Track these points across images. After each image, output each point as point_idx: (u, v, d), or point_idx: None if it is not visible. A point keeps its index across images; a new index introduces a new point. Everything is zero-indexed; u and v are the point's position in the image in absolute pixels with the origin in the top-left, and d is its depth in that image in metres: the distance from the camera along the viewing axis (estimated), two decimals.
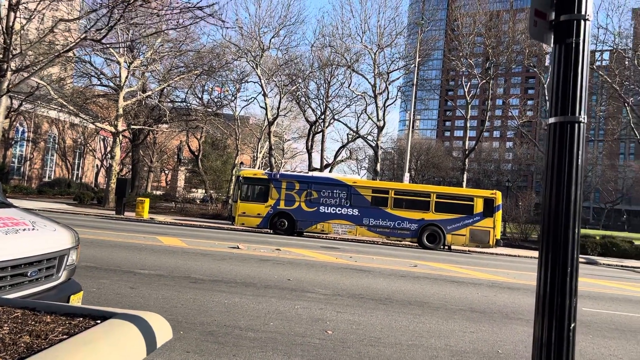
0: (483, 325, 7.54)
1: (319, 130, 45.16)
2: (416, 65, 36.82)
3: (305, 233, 24.78)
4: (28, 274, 3.98)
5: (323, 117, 43.75)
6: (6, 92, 18.58)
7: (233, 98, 45.29)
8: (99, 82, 37.62)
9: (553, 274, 2.17)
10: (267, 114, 39.29)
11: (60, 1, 21.63)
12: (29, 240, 4.13)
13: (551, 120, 2.27)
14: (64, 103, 32.35)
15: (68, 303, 4.34)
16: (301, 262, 13.07)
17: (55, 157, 48.29)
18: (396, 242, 24.76)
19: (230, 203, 30.10)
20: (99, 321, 2.18)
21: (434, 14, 61.74)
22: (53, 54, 19.75)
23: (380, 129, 40.75)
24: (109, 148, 41.97)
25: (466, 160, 42.46)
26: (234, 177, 33.41)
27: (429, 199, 23.59)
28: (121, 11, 17.45)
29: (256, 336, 5.86)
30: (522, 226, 32.54)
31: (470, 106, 41.61)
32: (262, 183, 24.61)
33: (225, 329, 6.04)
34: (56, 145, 48.00)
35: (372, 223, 23.65)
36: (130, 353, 1.97)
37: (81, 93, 37.00)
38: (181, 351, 5.08)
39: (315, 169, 41.20)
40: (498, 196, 23.47)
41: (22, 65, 19.83)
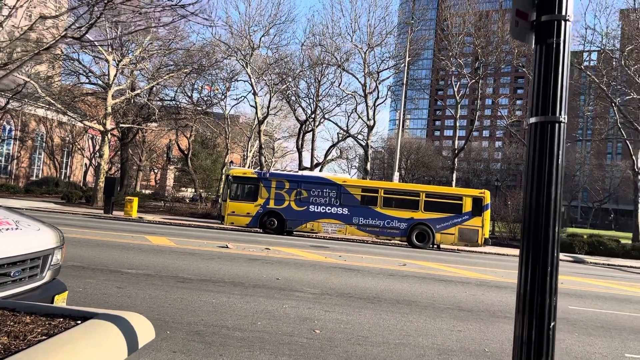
0: (470, 323, 7.58)
1: (310, 129, 45.14)
2: (406, 64, 36.92)
3: (295, 232, 24.77)
4: (11, 274, 3.94)
5: (313, 116, 43.74)
6: None
7: (223, 97, 45.16)
8: (88, 80, 37.32)
9: (533, 273, 2.19)
10: (257, 113, 39.21)
11: None
12: (12, 239, 4.08)
13: (532, 120, 2.28)
14: (52, 101, 32.05)
15: (52, 303, 4.31)
16: (290, 262, 13.06)
17: (43, 156, 47.84)
18: (386, 241, 24.83)
19: (219, 202, 30.00)
20: (80, 322, 2.16)
21: (424, 14, 61.92)
22: (33, 52, 19.54)
23: (370, 128, 40.81)
24: (98, 147, 41.62)
25: (456, 159, 42.66)
26: (224, 176, 33.32)
27: (419, 198, 23.68)
28: (101, 8, 17.27)
29: (243, 336, 5.85)
30: (511, 225, 32.75)
31: (459, 106, 41.81)
32: (252, 182, 24.56)
33: (212, 329, 6.02)
34: (44, 143, 47.55)
35: (362, 222, 23.69)
36: (110, 353, 1.95)
37: (69, 91, 36.62)
38: (168, 351, 5.05)
39: (305, 168, 41.19)
40: (486, 195, 23.61)
41: (3, 62, 19.58)
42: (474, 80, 41.29)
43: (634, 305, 10.96)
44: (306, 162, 45.50)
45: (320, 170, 42.56)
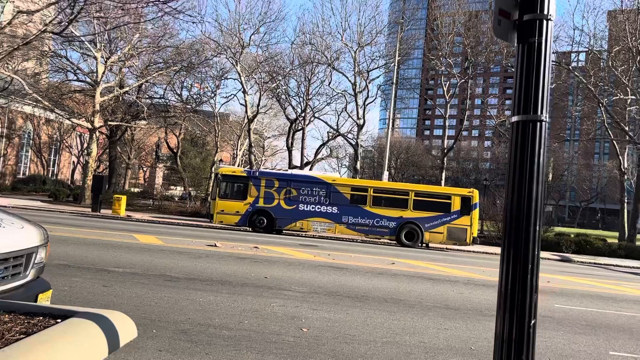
0: (457, 322, 7.61)
1: (300, 128, 45.08)
2: (396, 64, 36.98)
3: (284, 231, 24.74)
4: None
5: (303, 115, 43.69)
6: None
7: (212, 95, 44.91)
8: (76, 78, 36.93)
9: (514, 271, 2.19)
10: (247, 111, 39.10)
11: None
12: None
13: (514, 118, 2.29)
14: (39, 98, 31.73)
15: (36, 302, 4.27)
16: (279, 260, 13.04)
17: (30, 153, 47.36)
18: (375, 240, 24.88)
19: (208, 201, 29.89)
20: (60, 320, 2.14)
21: (414, 13, 62.02)
22: (13, 47, 19.32)
23: (360, 127, 40.84)
24: (86, 144, 41.27)
25: (445, 158, 42.86)
26: (213, 175, 33.19)
27: (408, 197, 23.75)
28: (82, 3, 17.09)
29: (230, 334, 5.83)
30: (499, 224, 32.90)
31: (449, 105, 42.01)
32: (241, 181, 24.48)
33: (199, 328, 5.99)
34: (31, 141, 47.07)
35: (351, 221, 23.72)
36: (89, 352, 1.93)
37: (57, 88, 36.25)
38: (153, 350, 5.02)
39: (295, 167, 41.15)
40: (475, 195, 23.73)
41: None
42: (464, 80, 41.50)
43: (619, 303, 11.08)
44: (296, 161, 45.44)
45: (310, 169, 42.54)
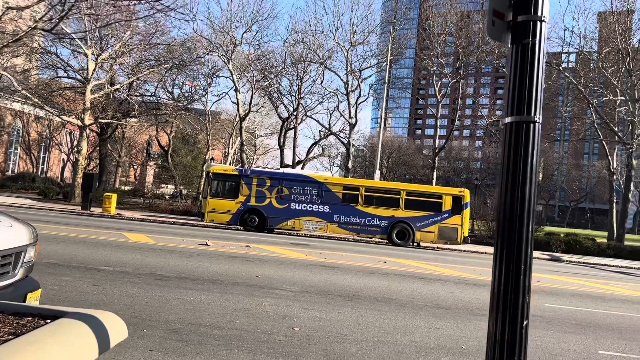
0: (448, 321, 7.64)
1: (291, 126, 45.03)
2: (388, 63, 37.03)
3: (275, 230, 24.70)
4: None
5: (295, 114, 43.64)
6: None
7: (204, 93, 44.71)
8: (66, 75, 36.63)
9: (507, 272, 2.20)
10: (239, 110, 38.98)
11: None
12: None
13: (507, 119, 2.30)
14: (29, 95, 31.42)
15: (25, 301, 4.23)
16: (271, 259, 13.02)
17: (19, 151, 46.94)
18: (366, 239, 24.92)
19: (200, 199, 29.77)
20: (49, 321, 2.12)
21: (406, 13, 62.11)
22: (2, 44, 19.13)
23: (352, 127, 40.86)
24: (76, 142, 40.96)
25: (436, 158, 42.98)
26: (204, 173, 33.06)
27: (399, 197, 23.81)
28: (73, 0, 16.95)
29: (221, 334, 5.81)
30: (490, 224, 33.07)
31: (440, 105, 42.13)
32: (233, 179, 24.42)
33: (190, 327, 5.97)
34: (20, 138, 46.65)
35: (343, 220, 23.73)
36: (80, 353, 1.91)
37: (47, 85, 35.90)
38: (144, 349, 4.99)
39: (287, 166, 41.11)
40: (466, 194, 23.82)
41: None
42: (455, 80, 41.64)
43: (608, 303, 11.17)
44: (288, 160, 45.41)
45: (302, 167, 42.51)
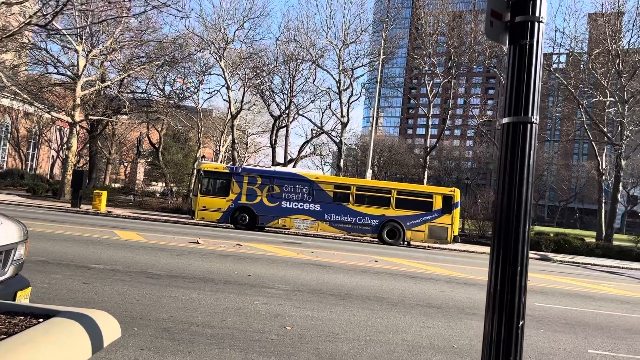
0: (440, 320, 7.66)
1: (283, 124, 44.96)
2: (380, 62, 37.07)
3: (266, 228, 24.66)
4: None
5: (287, 112, 43.58)
6: None
7: (195, 90, 44.54)
8: (56, 71, 36.27)
9: (504, 272, 2.20)
10: (231, 107, 38.86)
11: None
12: None
13: (505, 120, 2.30)
14: (18, 91, 31.09)
15: (14, 300, 4.18)
16: (262, 258, 13.00)
17: (7, 147, 46.46)
18: (358, 238, 24.95)
19: (190, 197, 29.65)
20: (42, 320, 2.09)
21: (399, 12, 62.15)
22: None
23: (344, 125, 40.89)
24: (66, 139, 40.59)
25: (427, 157, 43.12)
26: (195, 171, 32.94)
27: (390, 196, 23.85)
28: None
29: (213, 332, 5.79)
30: (480, 223, 33.28)
31: (432, 105, 42.25)
32: (223, 177, 24.33)
33: (181, 325, 5.94)
34: (9, 134, 46.17)
35: (334, 219, 23.74)
36: (73, 353, 1.89)
37: (36, 81, 35.54)
38: (135, 348, 4.96)
39: (279, 164, 41.06)
40: (456, 193, 23.91)
41: None
42: (447, 79, 41.78)
43: (597, 302, 11.27)
44: (280, 158, 45.34)
45: (294, 166, 42.44)
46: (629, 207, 74.30)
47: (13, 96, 36.02)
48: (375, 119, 39.15)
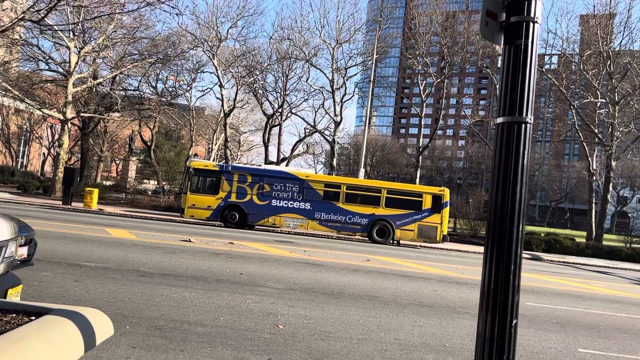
0: (431, 319, 7.69)
1: (276, 123, 44.91)
2: (374, 62, 37.12)
3: (256, 226, 24.61)
4: None
5: (280, 111, 43.53)
6: None
7: (188, 88, 44.38)
8: (47, 67, 36.00)
9: (497, 271, 2.22)
10: (224, 106, 38.77)
11: None
12: None
13: (499, 120, 2.31)
14: (9, 87, 30.84)
15: (5, 297, 4.15)
16: (255, 256, 12.98)
17: None
18: (350, 237, 24.97)
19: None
20: (34, 318, 2.07)
21: (392, 12, 62.24)
22: None
23: (337, 124, 40.91)
24: (57, 136, 40.29)
25: (420, 157, 43.24)
26: (185, 168, 32.81)
27: (380, 195, 23.89)
28: None
29: (205, 331, 5.77)
30: (472, 222, 33.43)
31: (425, 104, 42.35)
32: (213, 175, 24.24)
33: (173, 324, 5.92)
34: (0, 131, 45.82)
35: (324, 217, 23.74)
36: (65, 351, 1.87)
37: (27, 77, 35.25)
38: (127, 346, 4.93)
39: (272, 162, 40.99)
40: (446, 193, 23.97)
41: None
42: (440, 79, 41.89)
43: (587, 301, 11.35)
44: (272, 157, 45.28)
45: (286, 165, 42.40)
46: (619, 208, 74.92)
47: (4, 93, 35.71)
48: (368, 118, 39.19)
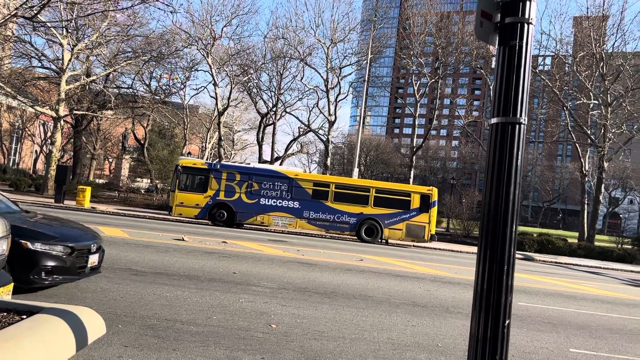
0: (424, 319, 7.71)
1: (270, 122, 44.86)
2: (368, 61, 37.14)
3: (245, 225, 24.56)
4: None
5: (274, 110, 43.48)
6: None
7: (182, 86, 44.27)
8: (40, 64, 35.76)
9: (490, 271, 2.22)
10: (217, 104, 38.67)
11: None
12: None
13: (493, 120, 2.31)
14: (1, 84, 30.60)
15: None
16: (248, 255, 12.96)
17: None
18: (344, 236, 24.97)
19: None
20: (25, 316, 2.06)
21: (387, 12, 62.48)
22: None
23: (331, 124, 40.90)
24: (50, 133, 40.06)
25: (414, 157, 43.31)
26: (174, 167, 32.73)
27: (368, 194, 23.89)
28: None
29: (198, 330, 5.76)
30: (465, 223, 33.53)
31: (419, 104, 42.43)
32: (202, 173, 24.15)
33: (166, 323, 5.90)
34: None
35: (313, 216, 23.72)
36: (57, 350, 1.86)
37: (20, 74, 34.98)
38: (119, 345, 4.91)
39: (266, 162, 40.94)
40: (434, 192, 23.98)
41: None
42: (434, 79, 41.97)
43: (579, 302, 11.41)
44: (266, 156, 45.26)
45: (280, 164, 42.37)
46: (611, 209, 75.41)
47: None
48: (362, 118, 39.25)
